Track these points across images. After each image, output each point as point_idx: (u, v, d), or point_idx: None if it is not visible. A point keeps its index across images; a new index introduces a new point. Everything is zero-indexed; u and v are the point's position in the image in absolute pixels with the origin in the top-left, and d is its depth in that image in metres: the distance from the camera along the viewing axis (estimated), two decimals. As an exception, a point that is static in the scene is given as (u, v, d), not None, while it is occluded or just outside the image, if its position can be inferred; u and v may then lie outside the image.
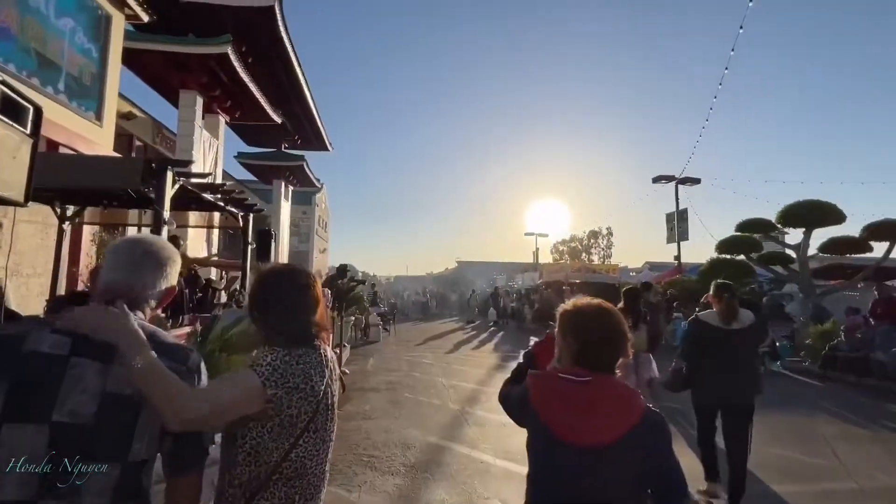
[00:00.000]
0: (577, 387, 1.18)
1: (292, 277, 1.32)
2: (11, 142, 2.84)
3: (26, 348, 0.90)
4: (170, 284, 1.16)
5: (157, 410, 0.95)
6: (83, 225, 7.25)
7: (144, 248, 1.11)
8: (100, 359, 0.94)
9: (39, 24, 6.13)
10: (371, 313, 13.35)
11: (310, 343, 1.27)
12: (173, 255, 1.17)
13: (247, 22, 13.44)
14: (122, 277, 1.07)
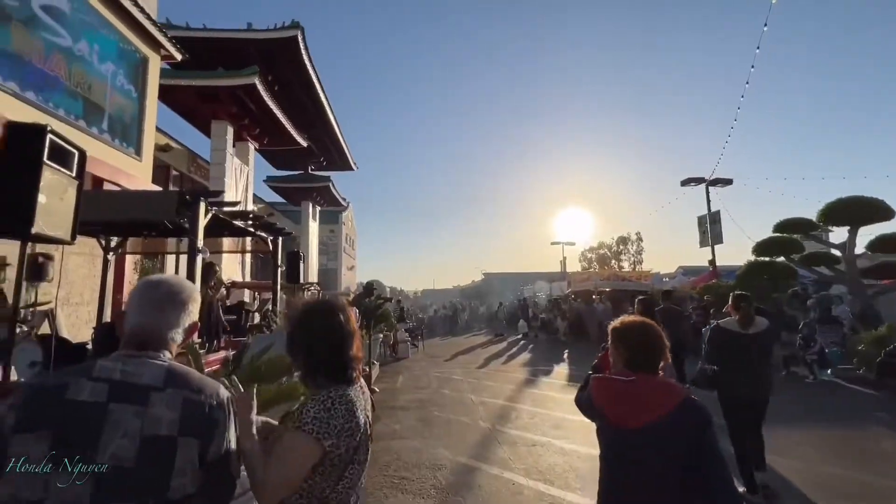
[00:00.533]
0: (624, 384, 1.54)
1: (328, 315, 1.33)
2: (59, 185, 3.07)
3: (68, 397, 0.95)
4: (192, 321, 1.20)
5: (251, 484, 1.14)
6: (125, 255, 7.64)
7: (168, 290, 1.16)
8: (137, 402, 0.98)
9: (85, 70, 6.61)
10: (399, 329, 13.41)
11: (349, 380, 1.29)
12: (194, 292, 1.23)
13: (272, 52, 14.08)
14: (150, 320, 1.12)
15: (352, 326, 1.35)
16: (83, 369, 1.01)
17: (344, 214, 32.29)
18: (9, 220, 2.61)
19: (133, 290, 1.18)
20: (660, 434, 1.42)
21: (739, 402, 3.51)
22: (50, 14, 5.98)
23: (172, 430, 0.98)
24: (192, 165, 14.46)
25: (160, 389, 1.01)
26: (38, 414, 0.93)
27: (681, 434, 1.41)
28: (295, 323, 1.35)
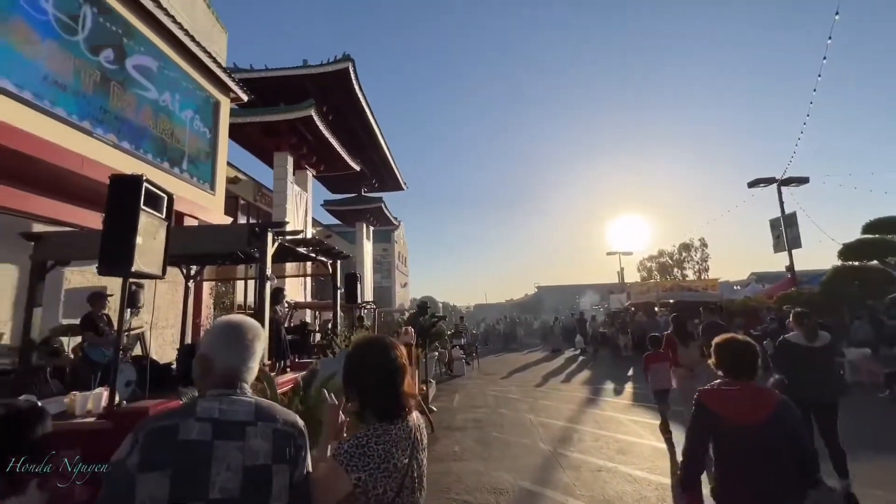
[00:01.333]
0: (735, 391, 1.96)
1: (379, 352, 1.38)
2: (152, 227, 3.44)
3: (181, 438, 1.04)
4: (261, 357, 1.33)
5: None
6: (203, 281, 8.33)
7: (245, 334, 1.25)
8: (236, 438, 1.08)
9: (168, 118, 7.40)
10: (454, 347, 13.44)
11: (397, 417, 1.32)
12: (262, 333, 1.33)
13: (326, 84, 14.97)
14: (239, 363, 1.22)
15: (402, 363, 1.37)
16: (188, 410, 1.11)
17: (396, 233, 33.15)
18: (115, 261, 2.98)
19: (213, 332, 1.25)
20: (770, 426, 1.85)
21: (807, 404, 3.68)
22: (140, 72, 6.79)
23: (268, 459, 1.10)
24: (257, 194, 15.58)
25: (253, 424, 1.12)
26: (159, 454, 1.02)
27: (784, 426, 1.85)
28: (347, 361, 1.41)
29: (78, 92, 5.70)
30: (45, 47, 5.28)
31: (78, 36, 5.75)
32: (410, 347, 8.35)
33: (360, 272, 19.28)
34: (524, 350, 21.28)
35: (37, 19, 5.19)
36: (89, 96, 5.87)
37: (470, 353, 15.39)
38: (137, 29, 6.80)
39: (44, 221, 5.81)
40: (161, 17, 7.07)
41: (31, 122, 5.04)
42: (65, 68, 5.53)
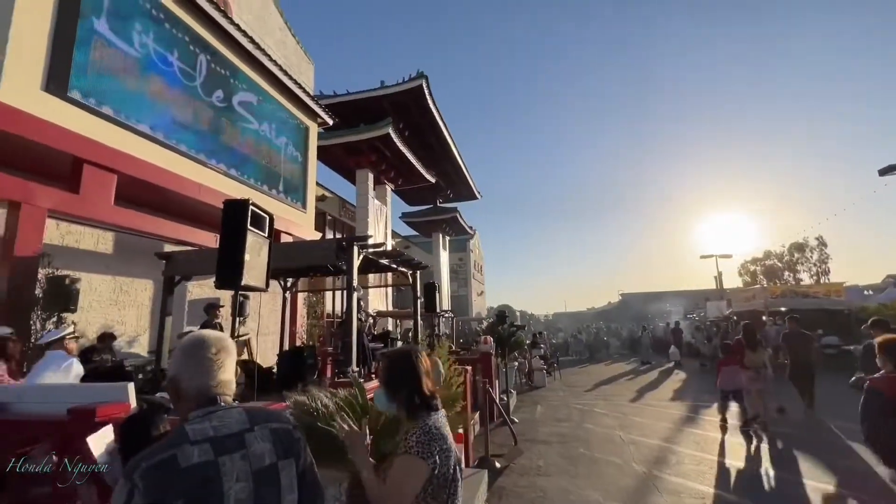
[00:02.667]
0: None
1: (415, 360, 1.63)
2: (257, 244, 3.81)
3: (183, 466, 1.00)
4: (233, 369, 1.39)
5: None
6: (297, 292, 9.07)
7: (216, 348, 1.21)
8: (238, 448, 1.09)
9: (267, 146, 8.24)
10: (534, 357, 13.11)
11: (435, 407, 1.56)
12: (230, 343, 1.30)
13: (402, 102, 15.65)
14: (207, 380, 1.18)
15: (424, 364, 1.62)
16: (179, 438, 1.06)
17: (471, 242, 33.40)
18: (228, 276, 3.38)
19: (177, 352, 1.22)
20: None
21: None
22: (244, 107, 7.66)
23: (272, 458, 1.14)
24: (342, 210, 16.66)
25: (250, 430, 1.14)
26: (165, 489, 0.97)
27: None
28: (391, 370, 1.64)
29: (196, 129, 6.59)
30: (172, 94, 6.18)
31: (196, 81, 6.66)
32: (489, 357, 8.33)
33: (438, 281, 19.68)
34: (608, 361, 20.09)
35: (165, 71, 6.11)
36: (204, 132, 6.75)
37: (551, 364, 14.91)
38: (241, 70, 7.70)
39: (171, 242, 6.76)
40: (262, 59, 7.94)
41: (161, 157, 5.92)
42: (186, 110, 6.43)
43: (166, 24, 6.17)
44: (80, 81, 4.90)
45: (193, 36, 6.66)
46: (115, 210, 5.36)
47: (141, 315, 6.89)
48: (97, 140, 5.04)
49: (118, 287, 6.57)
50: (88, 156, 4.97)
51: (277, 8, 10.56)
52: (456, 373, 5.04)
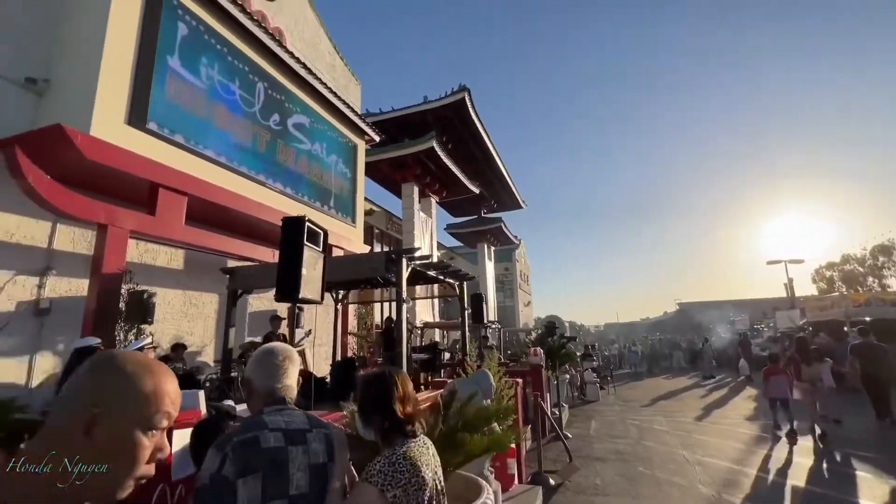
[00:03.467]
0: None
1: (379, 384, 1.51)
2: (312, 259, 3.97)
3: (263, 446, 1.21)
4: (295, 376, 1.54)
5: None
6: (348, 304, 9.35)
7: (282, 357, 1.46)
8: (301, 442, 1.29)
9: (319, 165, 8.64)
10: (586, 369, 12.65)
11: (414, 434, 1.47)
12: (294, 354, 1.53)
13: (445, 116, 15.90)
14: (274, 383, 1.41)
15: (403, 391, 1.49)
16: (259, 423, 1.28)
17: (516, 252, 33.03)
18: (286, 289, 3.55)
19: (253, 359, 1.45)
20: None
21: None
22: (297, 129, 8.09)
23: (325, 458, 1.32)
24: (388, 223, 17.06)
25: (310, 430, 1.34)
26: (252, 461, 1.19)
27: None
28: (362, 394, 1.54)
29: (255, 151, 7.03)
30: (234, 120, 6.66)
31: (255, 107, 7.13)
32: (539, 369, 8.13)
33: (484, 292, 19.56)
34: (666, 375, 18.96)
35: (228, 100, 6.59)
36: (263, 154, 7.19)
37: (604, 377, 14.31)
38: (295, 94, 8.17)
39: (234, 258, 7.21)
40: (314, 83, 8.38)
41: (225, 179, 6.37)
42: (246, 134, 6.89)
43: (229, 57, 6.68)
44: (156, 113, 5.40)
45: (253, 66, 7.16)
46: (185, 229, 5.80)
47: (207, 326, 7.37)
48: (170, 166, 5.51)
49: (188, 300, 7.08)
50: (163, 180, 5.44)
51: (327, 34, 11.14)
52: (506, 385, 4.97)
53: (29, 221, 5.06)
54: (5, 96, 4.90)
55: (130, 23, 5.22)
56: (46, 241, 5.25)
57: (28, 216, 5.02)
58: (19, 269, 4.96)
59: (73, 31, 5.30)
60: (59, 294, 5.30)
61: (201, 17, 6.23)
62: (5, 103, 4.89)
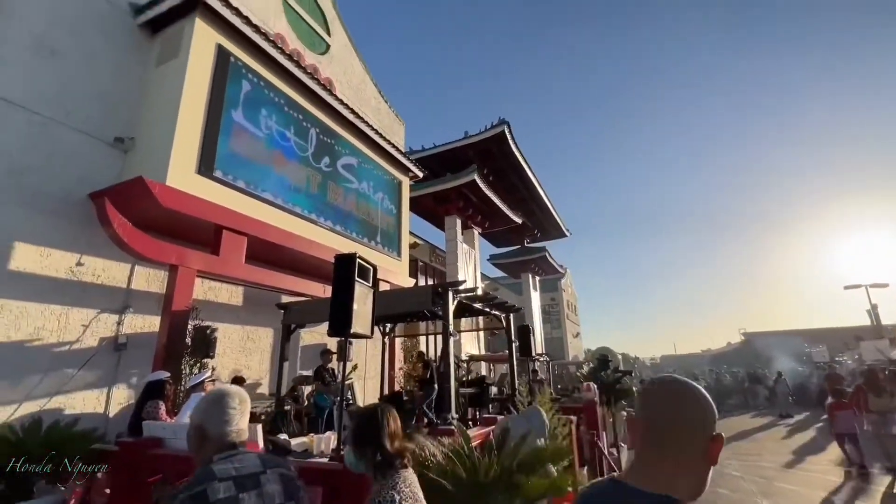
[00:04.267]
0: None
1: (372, 419, 1.65)
2: (363, 294, 4.08)
3: (212, 499, 1.20)
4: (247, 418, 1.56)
5: None
6: (395, 337, 9.43)
7: (237, 401, 1.46)
8: (254, 487, 1.29)
9: (366, 202, 9.01)
10: (643, 406, 11.83)
11: (405, 466, 1.59)
12: (246, 397, 1.55)
13: (485, 149, 16.20)
14: (229, 428, 1.42)
15: (393, 427, 1.64)
16: (207, 475, 1.27)
17: (563, 281, 32.20)
18: (339, 325, 3.66)
19: (212, 404, 1.42)
20: None
21: None
22: (346, 170, 8.54)
23: (281, 498, 1.31)
24: (432, 256, 17.27)
25: (264, 472, 1.34)
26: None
27: None
28: (357, 429, 1.67)
29: (308, 192, 7.46)
30: (289, 164, 7.13)
31: (308, 152, 7.62)
32: (594, 405, 7.71)
33: (530, 323, 19.09)
34: (737, 413, 17.33)
35: (284, 146, 7.10)
36: (314, 195, 7.61)
37: (664, 415, 13.28)
38: (344, 137, 8.67)
39: (288, 293, 7.54)
40: (362, 126, 8.88)
41: (280, 220, 6.77)
42: (300, 177, 7.34)
43: (285, 108, 7.25)
44: (221, 162, 5.91)
45: (306, 114, 7.71)
46: (245, 268, 6.18)
47: (263, 360, 7.67)
48: (233, 209, 5.95)
49: (246, 335, 7.43)
50: (227, 223, 5.87)
51: (372, 80, 11.85)
52: (560, 423, 4.75)
53: (112, 264, 5.59)
54: (98, 154, 5.56)
55: (202, 85, 5.83)
56: (126, 281, 5.76)
57: (112, 259, 5.55)
58: (103, 307, 5.45)
59: (154, 94, 5.98)
60: (135, 330, 5.75)
61: (262, 75, 6.85)
62: (98, 160, 5.54)
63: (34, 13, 5.20)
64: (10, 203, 4.73)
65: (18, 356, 4.65)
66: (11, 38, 4.96)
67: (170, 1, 5.90)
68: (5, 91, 4.84)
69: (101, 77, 5.74)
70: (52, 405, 4.83)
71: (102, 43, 5.81)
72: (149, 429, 3.82)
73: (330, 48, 10.32)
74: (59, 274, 5.06)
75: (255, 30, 6.52)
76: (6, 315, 4.60)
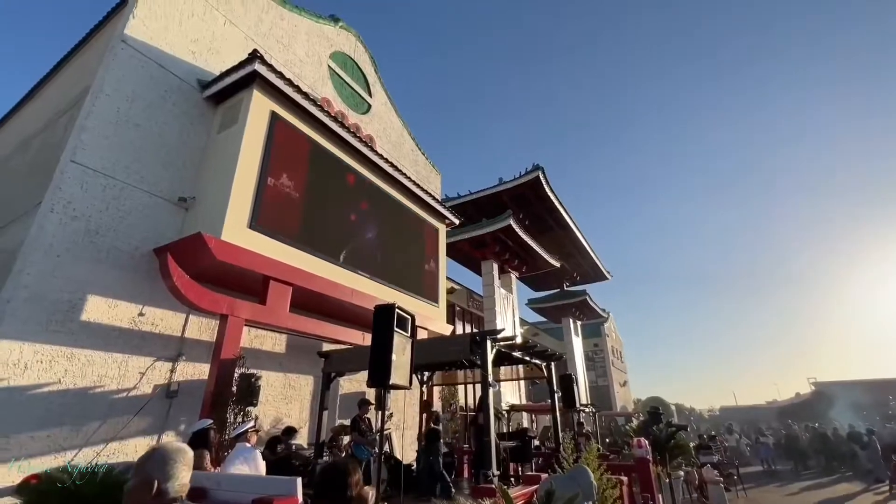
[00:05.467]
0: None
1: (332, 477, 1.80)
2: (402, 344, 4.11)
3: None
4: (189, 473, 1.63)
5: None
6: (433, 386, 9.28)
7: (180, 457, 1.55)
8: None
9: (407, 257, 9.23)
10: (704, 465, 10.80)
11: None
12: (189, 454, 1.64)
13: (520, 194, 16.39)
14: (174, 481, 1.50)
15: (353, 481, 1.77)
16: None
17: (606, 325, 30.90)
18: (378, 376, 3.68)
19: (169, 459, 1.51)
20: None
21: None
22: (385, 219, 8.85)
23: None
24: (469, 301, 17.18)
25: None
26: None
27: None
28: (316, 482, 1.84)
29: (349, 242, 7.76)
30: (332, 216, 7.50)
31: (349, 203, 8.00)
32: (647, 464, 7.13)
33: (572, 370, 18.26)
34: (818, 477, 15.30)
35: (328, 199, 7.51)
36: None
37: (729, 475, 12.02)
38: (384, 189, 9.07)
39: (328, 341, 7.69)
40: (400, 178, 9.29)
41: (322, 269, 7.03)
42: (342, 228, 7.68)
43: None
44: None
45: (348, 167, 8.19)
46: (289, 316, 6.40)
47: (303, 408, 7.72)
48: (279, 260, 6.27)
49: (287, 383, 7.56)
50: (273, 273, 6.18)
51: (409, 134, 12.51)
52: (609, 484, 4.42)
53: (169, 314, 5.95)
54: (163, 213, 6.10)
55: (256, 148, 6.37)
56: (180, 330, 6.09)
57: (168, 309, 5.92)
58: (158, 355, 5.76)
59: (214, 157, 6.58)
60: (185, 377, 5.99)
61: (309, 135, 7.40)
62: (163, 219, 6.08)
63: (119, 91, 5.97)
64: (86, 260, 5.23)
65: (82, 403, 4.94)
66: (97, 113, 5.68)
67: (233, 76, 6.60)
68: (90, 161, 5.49)
69: (170, 144, 6.41)
70: (107, 451, 5.04)
71: (172, 115, 6.54)
72: (195, 479, 3.89)
73: (371, 108, 11.07)
74: (122, 324, 5.44)
75: (304, 96, 7.13)
76: (75, 363, 4.96)
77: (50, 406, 4.69)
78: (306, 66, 9.29)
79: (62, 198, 5.17)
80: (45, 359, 4.75)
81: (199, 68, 7.04)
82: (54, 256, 4.98)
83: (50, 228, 5.00)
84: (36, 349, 4.69)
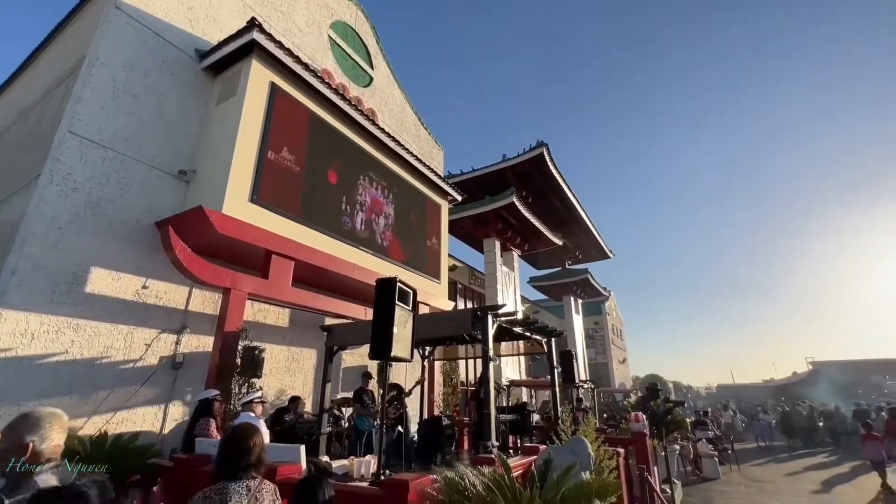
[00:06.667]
0: None
1: (234, 441, 1.87)
2: (403, 318, 4.12)
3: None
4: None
5: None
6: (434, 361, 9.40)
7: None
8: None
9: (409, 233, 9.20)
10: (699, 440, 11.04)
11: (235, 478, 1.77)
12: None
13: (524, 171, 16.20)
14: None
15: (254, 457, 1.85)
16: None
17: (606, 304, 31.09)
18: (380, 348, 3.71)
19: (36, 421, 1.60)
20: None
21: None
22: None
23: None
24: (471, 278, 17.23)
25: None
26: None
27: None
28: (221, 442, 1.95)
29: (351, 218, 7.73)
30: (334, 191, 7.44)
31: (351, 178, 7.93)
32: (643, 437, 7.27)
33: (572, 348, 18.46)
34: (810, 453, 15.65)
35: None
36: (357, 219, 7.87)
37: (723, 450, 12.29)
38: (385, 163, 8.97)
39: (330, 315, 7.75)
40: (402, 153, 9.16)
41: (324, 244, 7.02)
42: (344, 203, 7.63)
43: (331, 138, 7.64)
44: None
45: (350, 142, 8.08)
46: (292, 291, 6.43)
47: (306, 381, 7.86)
48: (281, 234, 6.26)
49: (291, 356, 7.67)
50: (275, 248, 6.18)
51: (412, 108, 12.27)
52: (606, 455, 4.52)
53: (172, 287, 5.99)
54: (164, 186, 6.06)
55: (256, 121, 6.26)
56: (184, 303, 6.15)
57: (172, 282, 5.96)
58: (163, 327, 5.83)
59: (213, 130, 6.49)
60: (190, 350, 6.08)
61: (310, 108, 7.27)
62: (163, 192, 6.04)
63: (115, 60, 5.84)
64: (88, 231, 5.23)
65: (90, 372, 5.04)
66: (94, 83, 5.57)
67: (231, 45, 6.44)
68: (88, 132, 5.42)
69: (169, 116, 6.30)
70: (115, 420, 5.16)
71: (171, 86, 6.41)
72: (200, 445, 3.99)
73: (373, 81, 10.83)
74: (126, 296, 5.49)
75: (304, 67, 6.97)
76: (81, 334, 5.02)
77: (59, 376, 4.78)
78: (306, 35, 9.05)
79: (61, 169, 5.13)
80: (52, 329, 4.81)
81: (196, 37, 6.87)
82: (56, 228, 4.98)
83: (50, 200, 4.99)
84: (42, 319, 4.74)
